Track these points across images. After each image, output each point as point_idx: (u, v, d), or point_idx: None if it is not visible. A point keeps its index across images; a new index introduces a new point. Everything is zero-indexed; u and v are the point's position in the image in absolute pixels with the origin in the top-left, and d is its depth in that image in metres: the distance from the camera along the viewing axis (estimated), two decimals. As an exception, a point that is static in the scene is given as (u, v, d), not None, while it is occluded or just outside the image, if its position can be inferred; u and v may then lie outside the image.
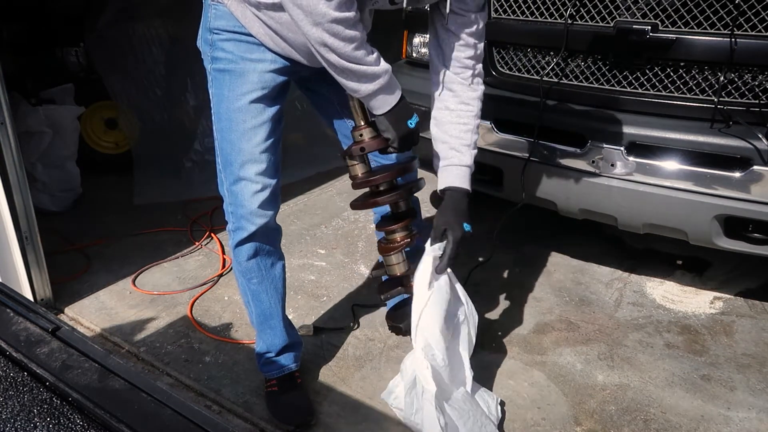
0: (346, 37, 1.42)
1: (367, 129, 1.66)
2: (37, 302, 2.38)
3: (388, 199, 1.74)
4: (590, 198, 2.36)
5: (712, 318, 2.45)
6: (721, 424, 1.92)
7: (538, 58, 2.42)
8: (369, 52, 1.50)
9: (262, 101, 1.68)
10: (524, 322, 2.43)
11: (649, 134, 2.16)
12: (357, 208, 1.84)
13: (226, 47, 1.65)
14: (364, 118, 1.66)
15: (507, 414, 1.96)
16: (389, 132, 1.60)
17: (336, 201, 3.56)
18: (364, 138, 1.66)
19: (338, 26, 1.40)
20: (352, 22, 1.42)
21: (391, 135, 1.60)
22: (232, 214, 1.78)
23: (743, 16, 1.95)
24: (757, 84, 2.01)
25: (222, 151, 1.74)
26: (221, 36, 1.65)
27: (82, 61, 3.91)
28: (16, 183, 2.29)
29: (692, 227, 2.17)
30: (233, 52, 1.64)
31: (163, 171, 3.76)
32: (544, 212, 2.62)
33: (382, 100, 1.56)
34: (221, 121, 1.71)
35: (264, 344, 1.96)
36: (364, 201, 1.79)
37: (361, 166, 1.72)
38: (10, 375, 0.88)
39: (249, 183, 1.72)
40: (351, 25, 1.42)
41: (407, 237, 1.80)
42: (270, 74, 1.67)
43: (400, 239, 1.80)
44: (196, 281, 2.72)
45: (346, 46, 1.43)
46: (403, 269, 1.82)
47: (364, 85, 1.51)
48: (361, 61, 1.47)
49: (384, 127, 1.60)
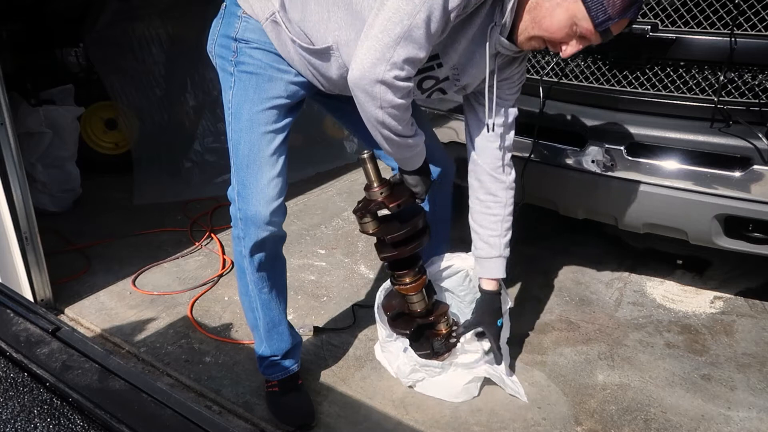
0: (401, 118, 1.54)
1: (385, 188, 1.75)
2: (37, 303, 2.38)
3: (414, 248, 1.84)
4: (590, 198, 2.36)
5: (712, 318, 2.45)
6: (721, 424, 1.92)
7: (538, 58, 2.42)
8: (412, 125, 1.61)
9: (284, 109, 1.71)
10: (524, 322, 2.43)
11: (649, 134, 2.16)
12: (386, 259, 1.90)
13: (255, 55, 1.66)
14: (378, 178, 1.75)
15: (507, 414, 1.96)
16: (419, 186, 1.76)
17: (336, 201, 3.56)
18: (384, 195, 1.75)
19: (397, 111, 1.51)
20: (407, 106, 1.54)
21: (421, 189, 1.77)
22: (242, 220, 1.76)
23: (743, 15, 1.95)
24: (757, 83, 2.01)
25: (238, 152, 1.72)
26: (250, 45, 1.65)
27: (82, 61, 3.92)
28: (16, 183, 2.28)
29: (692, 227, 2.17)
30: (261, 59, 1.66)
31: (163, 171, 3.76)
32: (544, 212, 2.62)
33: (415, 160, 1.71)
34: (241, 121, 1.70)
35: (269, 349, 1.95)
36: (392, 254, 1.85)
37: (374, 223, 1.80)
38: (11, 376, 0.88)
39: (265, 188, 1.72)
40: (406, 108, 1.53)
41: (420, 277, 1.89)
42: (294, 86, 1.70)
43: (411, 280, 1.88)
44: (196, 281, 2.72)
45: (399, 125, 1.55)
46: (423, 306, 1.93)
47: (403, 150, 1.65)
48: (406, 134, 1.60)
49: (414, 182, 1.76)
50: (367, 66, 1.42)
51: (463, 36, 1.55)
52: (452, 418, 1.95)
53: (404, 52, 1.41)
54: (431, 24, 1.40)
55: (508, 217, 1.90)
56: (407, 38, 1.40)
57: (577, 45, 1.53)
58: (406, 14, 1.39)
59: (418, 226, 1.80)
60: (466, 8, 1.44)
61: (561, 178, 2.36)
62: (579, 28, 1.49)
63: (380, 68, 1.42)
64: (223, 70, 1.72)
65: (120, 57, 3.75)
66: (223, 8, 1.72)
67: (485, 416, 1.95)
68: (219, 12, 1.73)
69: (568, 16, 1.47)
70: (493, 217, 1.89)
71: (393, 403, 2.01)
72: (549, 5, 1.49)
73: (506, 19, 1.51)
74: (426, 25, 1.40)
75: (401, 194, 1.75)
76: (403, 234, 1.77)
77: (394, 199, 1.73)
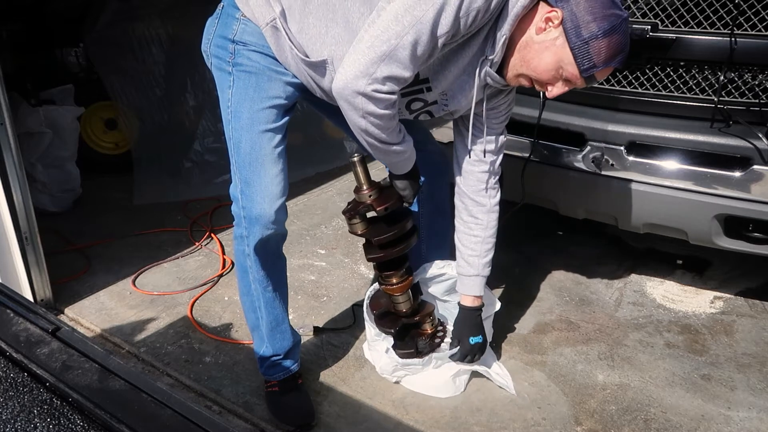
0: (385, 127, 1.56)
1: (373, 191, 1.77)
2: (37, 303, 2.38)
3: (401, 251, 1.86)
4: (590, 198, 2.36)
5: (712, 317, 2.45)
6: (721, 424, 1.92)
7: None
8: (399, 132, 1.62)
9: (282, 108, 1.72)
10: (524, 322, 2.43)
11: (649, 134, 2.16)
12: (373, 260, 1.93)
13: (252, 57, 1.67)
14: (367, 181, 1.78)
15: (507, 414, 1.96)
16: (407, 190, 1.78)
17: (336, 201, 3.56)
18: (373, 198, 1.77)
19: (380, 120, 1.53)
20: (392, 116, 1.55)
21: (409, 193, 1.79)
22: (246, 218, 1.77)
23: (743, 15, 1.95)
24: (757, 83, 2.01)
25: (239, 151, 1.73)
26: (248, 47, 1.66)
27: (82, 61, 3.91)
28: (16, 183, 2.28)
29: (692, 227, 2.17)
30: (259, 62, 1.67)
31: (163, 171, 3.76)
32: (544, 212, 2.62)
33: (403, 165, 1.73)
34: (241, 120, 1.70)
35: (272, 349, 1.95)
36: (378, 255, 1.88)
37: (362, 224, 1.83)
38: (11, 376, 0.88)
39: (269, 185, 1.72)
40: (391, 118, 1.55)
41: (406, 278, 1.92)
42: (290, 87, 1.72)
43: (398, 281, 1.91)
44: (196, 281, 2.72)
45: (382, 133, 1.57)
46: (408, 306, 1.97)
47: (389, 156, 1.67)
48: (393, 141, 1.62)
49: (403, 186, 1.78)
50: (349, 77, 1.46)
51: (454, 65, 1.58)
52: (452, 418, 1.95)
53: (387, 70, 1.44)
54: (418, 47, 1.43)
55: (489, 239, 1.95)
56: (392, 57, 1.43)
57: (563, 87, 1.59)
58: (394, 34, 1.42)
59: (406, 228, 1.83)
60: (455, 36, 1.47)
61: (561, 178, 2.36)
62: (565, 72, 1.53)
63: (361, 81, 1.45)
64: (219, 70, 1.73)
65: (120, 57, 3.75)
66: (220, 8, 1.71)
67: (485, 416, 1.95)
68: (215, 11, 1.73)
69: (556, 60, 1.52)
70: (474, 238, 1.94)
71: (393, 403, 2.01)
72: (538, 47, 1.53)
73: (497, 54, 1.55)
74: (412, 47, 1.43)
75: (389, 197, 1.77)
76: (389, 236, 1.80)
77: (381, 202, 1.76)
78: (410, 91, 1.64)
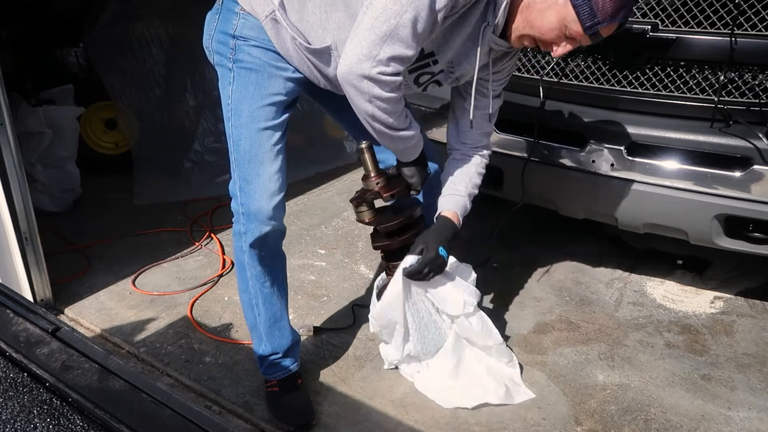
0: (392, 111, 1.56)
1: (381, 178, 1.79)
2: (36, 303, 2.38)
3: (407, 239, 1.86)
4: (590, 198, 2.36)
5: (712, 318, 2.45)
6: (721, 424, 1.92)
7: (538, 58, 2.42)
8: (405, 117, 1.62)
9: (282, 105, 1.73)
10: (524, 322, 2.43)
11: (649, 134, 2.16)
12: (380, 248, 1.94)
13: (253, 53, 1.67)
14: (375, 169, 1.79)
15: (507, 414, 1.96)
16: (415, 177, 1.80)
17: (336, 201, 3.56)
18: (380, 185, 1.79)
19: (387, 104, 1.53)
20: (398, 99, 1.55)
21: (416, 180, 1.81)
22: (244, 215, 1.78)
23: (743, 15, 1.95)
24: (757, 83, 2.01)
25: (239, 148, 1.73)
26: (248, 43, 1.66)
27: (82, 61, 3.92)
28: (16, 183, 2.28)
29: (693, 227, 2.17)
30: (260, 57, 1.67)
31: (163, 171, 3.76)
32: (544, 212, 2.62)
33: (411, 152, 1.75)
34: (241, 117, 1.71)
35: (270, 347, 1.95)
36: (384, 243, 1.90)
37: (370, 212, 1.84)
38: (10, 376, 0.88)
39: (267, 183, 1.73)
40: (397, 101, 1.56)
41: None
42: (291, 83, 1.72)
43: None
44: (196, 281, 2.72)
45: (389, 118, 1.57)
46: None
47: (396, 142, 1.68)
48: (400, 126, 1.62)
49: (411, 173, 1.79)
50: (353, 62, 1.46)
51: (458, 35, 1.59)
52: (452, 418, 1.95)
53: (390, 50, 1.45)
54: (418, 24, 1.43)
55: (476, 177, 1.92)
56: (393, 37, 1.43)
57: (567, 46, 1.57)
58: (393, 13, 1.42)
59: (413, 217, 1.84)
60: (454, 8, 1.48)
61: (561, 178, 2.36)
62: (569, 31, 1.52)
63: (366, 65, 1.45)
64: (221, 66, 1.73)
65: (120, 57, 3.75)
66: (220, 3, 1.72)
67: (485, 416, 1.95)
68: (215, 6, 1.74)
69: (559, 18, 1.51)
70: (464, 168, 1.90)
71: (393, 403, 2.01)
72: (540, 7, 1.53)
73: (499, 19, 1.55)
74: (413, 25, 1.43)
75: (396, 185, 1.79)
76: (396, 224, 1.81)
77: (388, 189, 1.77)
78: (417, 66, 1.64)
